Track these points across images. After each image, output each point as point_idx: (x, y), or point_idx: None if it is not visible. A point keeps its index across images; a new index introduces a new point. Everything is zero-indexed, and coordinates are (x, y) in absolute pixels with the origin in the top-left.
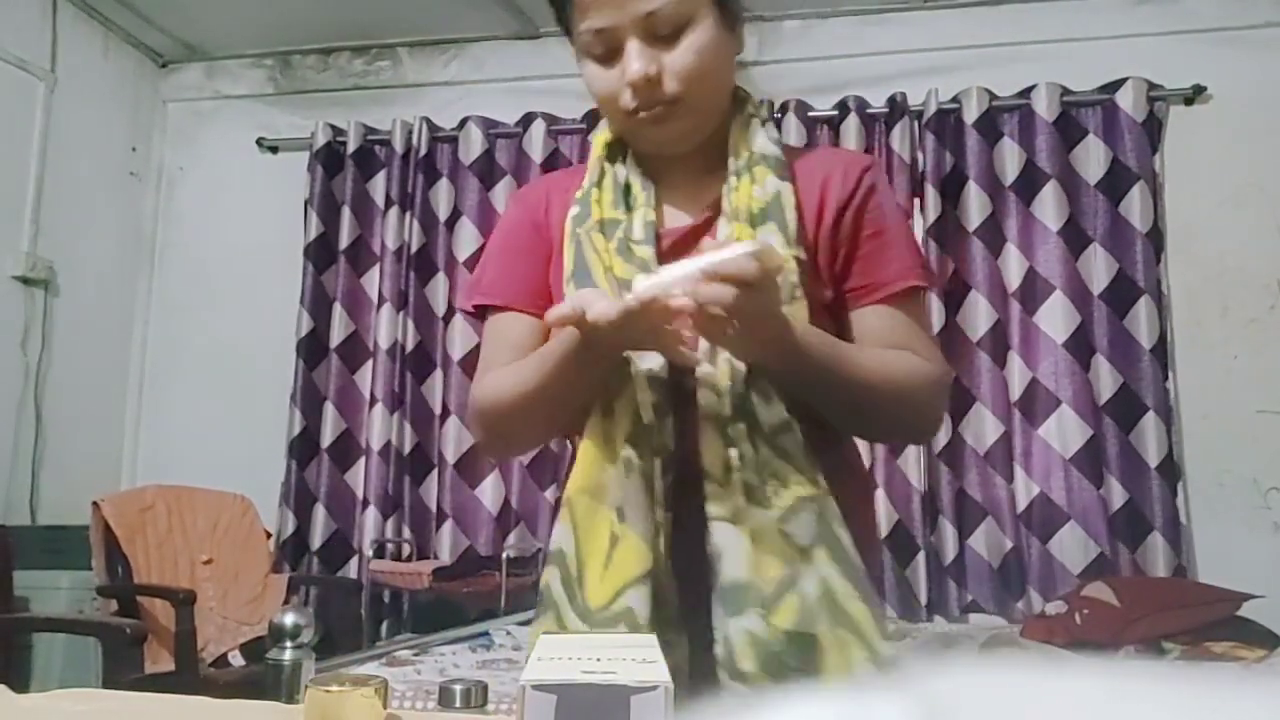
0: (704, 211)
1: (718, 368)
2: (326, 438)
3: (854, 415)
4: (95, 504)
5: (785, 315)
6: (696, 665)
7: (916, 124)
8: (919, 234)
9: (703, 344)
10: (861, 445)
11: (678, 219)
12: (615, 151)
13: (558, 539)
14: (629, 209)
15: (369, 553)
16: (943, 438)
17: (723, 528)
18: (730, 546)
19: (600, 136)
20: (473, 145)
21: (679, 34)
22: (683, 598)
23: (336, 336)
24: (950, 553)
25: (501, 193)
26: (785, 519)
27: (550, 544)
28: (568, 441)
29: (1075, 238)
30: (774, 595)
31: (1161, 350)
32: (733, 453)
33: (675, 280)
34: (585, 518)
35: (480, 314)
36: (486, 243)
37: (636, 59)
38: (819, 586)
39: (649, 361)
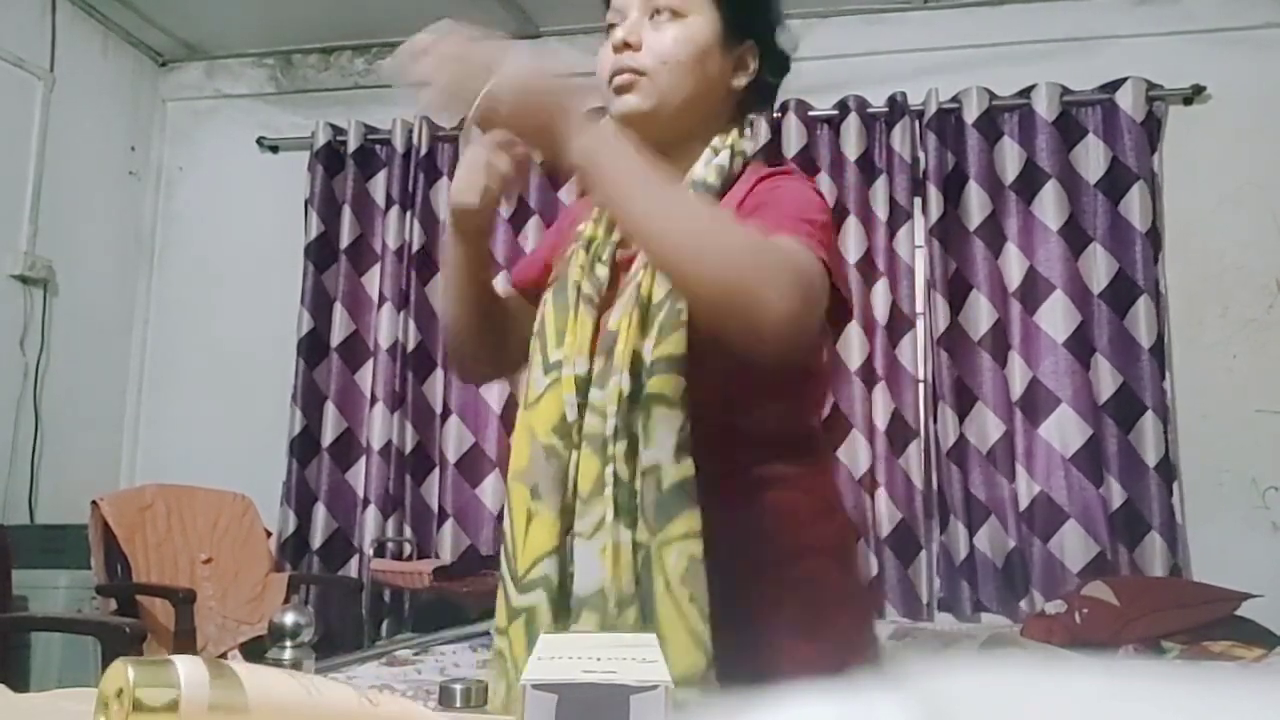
0: None
1: (606, 392)
2: (327, 437)
3: (668, 248)
4: (94, 503)
5: (564, 111)
6: None
7: (917, 124)
8: (920, 234)
9: (596, 370)
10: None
11: None
12: None
13: (505, 519)
14: (610, 230)
15: (369, 552)
16: (950, 436)
17: (580, 543)
18: (581, 560)
19: None
20: None
21: (671, 21)
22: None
23: (337, 336)
24: (958, 552)
25: None
26: (637, 547)
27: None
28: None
29: (1075, 237)
30: (610, 612)
31: (1160, 350)
32: (608, 470)
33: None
34: (513, 497)
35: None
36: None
37: (623, 28)
38: (647, 620)
39: (578, 368)
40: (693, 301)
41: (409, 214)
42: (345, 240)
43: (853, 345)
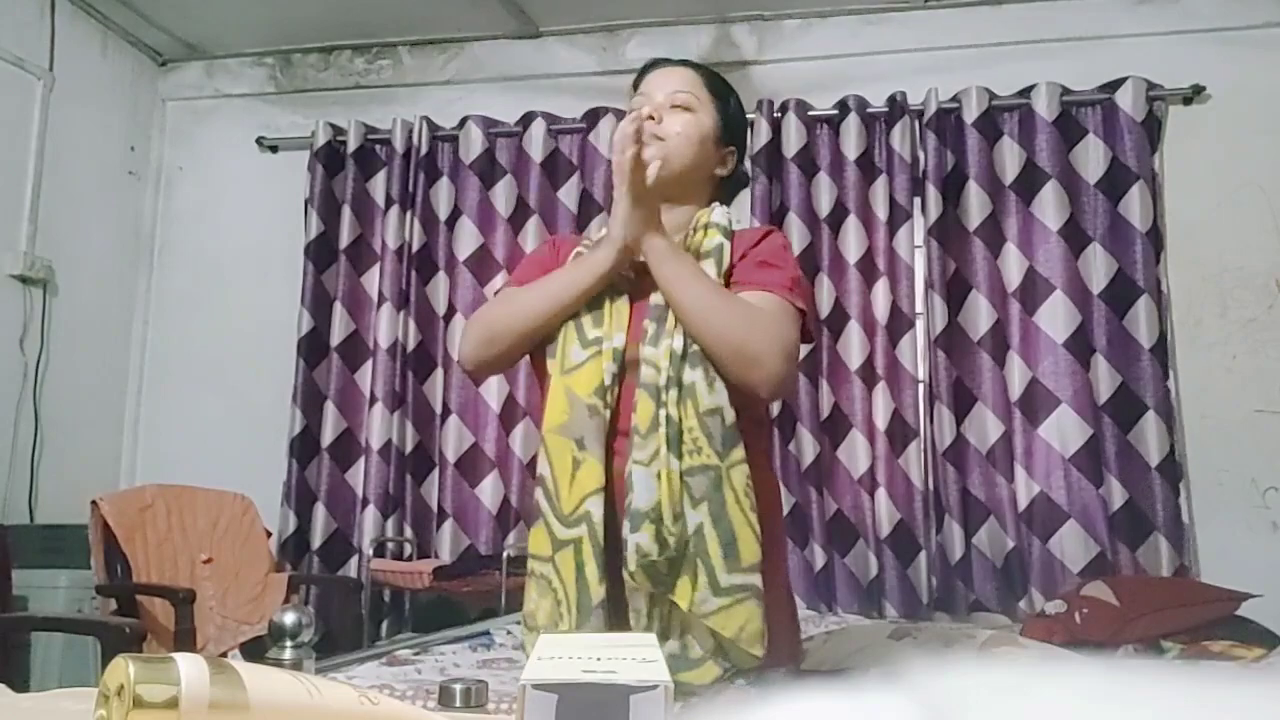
0: None
1: (659, 349)
2: (327, 437)
3: (698, 320)
4: (94, 503)
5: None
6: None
7: (916, 123)
8: (920, 234)
9: (648, 333)
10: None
11: None
12: None
13: (540, 467)
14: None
15: (369, 552)
16: (946, 437)
17: (639, 469)
18: (640, 482)
19: None
20: (473, 144)
21: (685, 112)
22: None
23: (337, 336)
24: (957, 552)
25: (501, 192)
26: (690, 473)
27: (537, 471)
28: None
29: (1075, 237)
30: (664, 523)
31: (1161, 350)
32: (661, 413)
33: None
34: (555, 448)
35: None
36: (487, 243)
37: (650, 108)
38: (695, 527)
39: (615, 342)
40: (710, 354)
41: (409, 214)
42: (345, 240)
43: (853, 345)
